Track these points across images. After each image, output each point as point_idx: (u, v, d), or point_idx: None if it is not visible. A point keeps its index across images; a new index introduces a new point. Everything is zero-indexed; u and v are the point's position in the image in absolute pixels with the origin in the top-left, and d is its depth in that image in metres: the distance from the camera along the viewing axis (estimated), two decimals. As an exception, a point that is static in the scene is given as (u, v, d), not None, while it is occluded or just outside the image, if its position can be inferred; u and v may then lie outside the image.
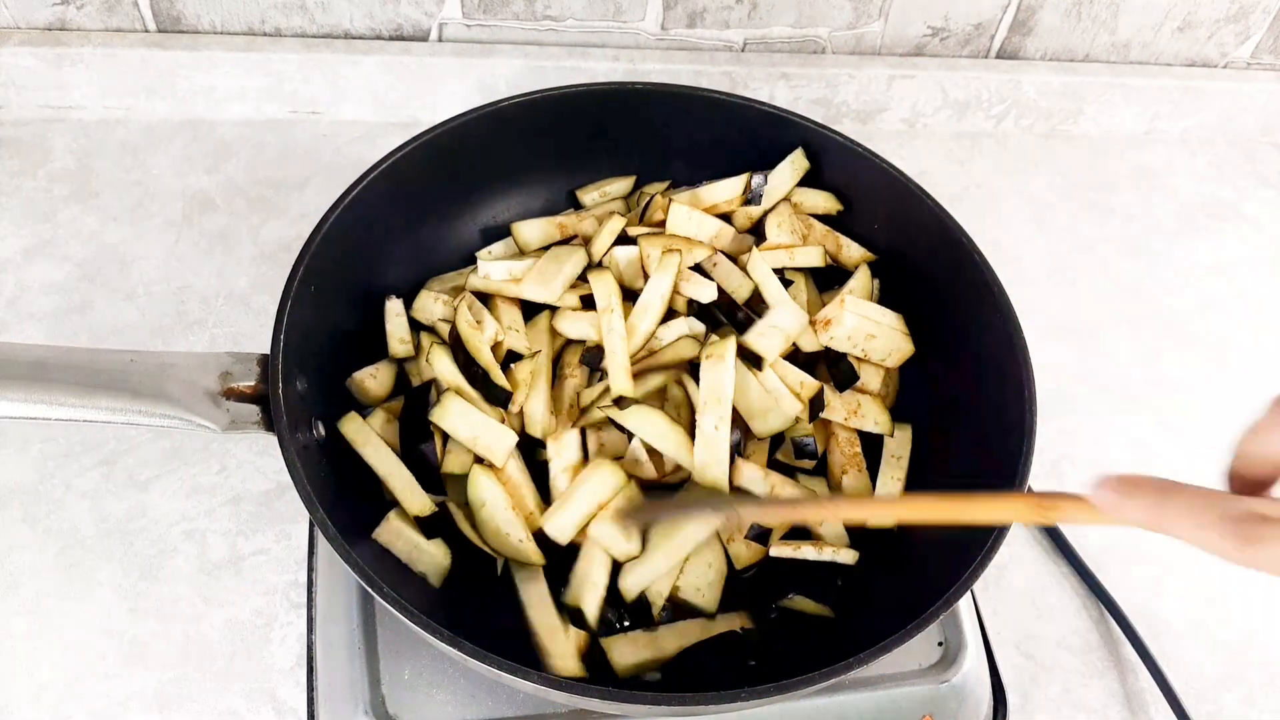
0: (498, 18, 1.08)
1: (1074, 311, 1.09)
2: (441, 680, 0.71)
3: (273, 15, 1.06)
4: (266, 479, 0.86)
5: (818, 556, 0.75)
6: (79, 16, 1.04)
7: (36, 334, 0.93)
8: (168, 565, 0.82)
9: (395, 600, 0.59)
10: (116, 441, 0.87)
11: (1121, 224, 1.19)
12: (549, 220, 0.88)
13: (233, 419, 0.64)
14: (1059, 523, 0.72)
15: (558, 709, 0.71)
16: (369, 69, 1.08)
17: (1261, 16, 1.19)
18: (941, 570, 0.67)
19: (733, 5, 1.09)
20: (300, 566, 0.82)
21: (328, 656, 0.73)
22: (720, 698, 0.59)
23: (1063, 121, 1.25)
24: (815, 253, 0.85)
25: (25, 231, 0.99)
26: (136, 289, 0.97)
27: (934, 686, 0.75)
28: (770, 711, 0.72)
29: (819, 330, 0.81)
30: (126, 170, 1.05)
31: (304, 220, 1.03)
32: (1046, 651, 0.86)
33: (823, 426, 0.81)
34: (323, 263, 0.73)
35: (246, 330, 0.95)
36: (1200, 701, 0.83)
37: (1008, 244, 1.14)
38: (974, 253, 0.78)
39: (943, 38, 1.16)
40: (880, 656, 0.60)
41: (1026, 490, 0.68)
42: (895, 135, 1.22)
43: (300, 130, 1.11)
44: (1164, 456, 0.99)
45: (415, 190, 0.82)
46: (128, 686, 0.76)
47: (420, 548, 0.71)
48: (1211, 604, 0.90)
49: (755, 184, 0.86)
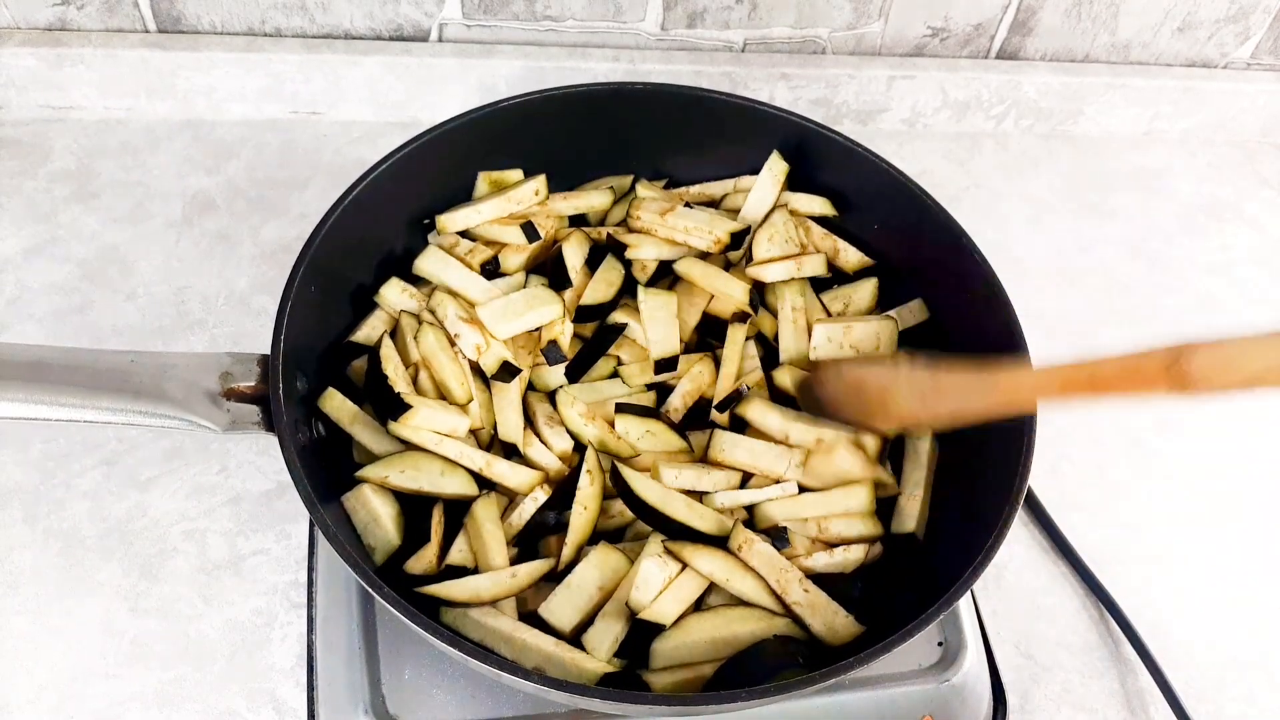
0: (498, 18, 1.08)
1: (1074, 311, 1.09)
2: (441, 680, 0.71)
3: (273, 15, 1.06)
4: (266, 479, 0.86)
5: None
6: (79, 17, 1.04)
7: (37, 334, 0.93)
8: (168, 565, 0.82)
9: (396, 600, 0.59)
10: (117, 441, 0.87)
11: (1121, 224, 1.19)
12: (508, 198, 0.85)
13: (233, 419, 0.64)
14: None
15: (558, 709, 0.71)
16: (369, 69, 1.08)
17: (1262, 17, 1.19)
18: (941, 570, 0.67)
19: (733, 5, 1.09)
20: (300, 566, 0.82)
21: (328, 656, 0.73)
22: (720, 698, 0.59)
23: (1063, 122, 1.25)
24: (819, 261, 0.85)
25: (25, 231, 1.00)
26: (137, 289, 0.97)
27: (934, 686, 0.75)
28: (770, 711, 0.72)
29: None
30: (127, 170, 1.05)
31: (304, 220, 1.03)
32: (1046, 651, 0.86)
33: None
34: (323, 263, 0.73)
35: (246, 330, 0.95)
36: (1200, 701, 0.83)
37: (1008, 244, 1.14)
38: (974, 253, 0.78)
39: (943, 38, 1.16)
40: (880, 656, 0.60)
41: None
42: (895, 135, 1.22)
43: (300, 130, 1.11)
44: (1163, 456, 0.99)
45: (415, 190, 0.82)
46: (128, 686, 0.76)
47: (378, 521, 0.71)
48: (1211, 604, 0.90)
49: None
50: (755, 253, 0.84)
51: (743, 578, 0.71)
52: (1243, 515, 0.96)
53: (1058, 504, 0.93)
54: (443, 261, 0.82)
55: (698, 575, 0.71)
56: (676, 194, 0.90)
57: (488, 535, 0.71)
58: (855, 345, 0.81)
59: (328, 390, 0.74)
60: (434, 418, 0.73)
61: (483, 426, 0.77)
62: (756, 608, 0.71)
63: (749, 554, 0.72)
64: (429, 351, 0.76)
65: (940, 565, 0.69)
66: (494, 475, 0.74)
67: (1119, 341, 0.96)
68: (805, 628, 0.70)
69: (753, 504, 0.76)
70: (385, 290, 0.81)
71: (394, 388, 0.73)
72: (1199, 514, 0.95)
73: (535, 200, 0.85)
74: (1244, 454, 1.00)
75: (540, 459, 0.77)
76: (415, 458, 0.73)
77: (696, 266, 0.84)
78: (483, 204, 0.83)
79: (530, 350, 0.81)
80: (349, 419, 0.74)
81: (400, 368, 0.76)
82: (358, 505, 0.71)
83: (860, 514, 0.75)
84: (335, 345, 0.79)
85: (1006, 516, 0.65)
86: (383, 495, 0.72)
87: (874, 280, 0.86)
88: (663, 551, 0.70)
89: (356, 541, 0.70)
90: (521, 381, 0.78)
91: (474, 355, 0.77)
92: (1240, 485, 0.98)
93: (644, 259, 0.85)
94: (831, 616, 0.70)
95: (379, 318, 0.81)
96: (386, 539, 0.71)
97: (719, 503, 0.75)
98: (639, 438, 0.78)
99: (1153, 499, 0.96)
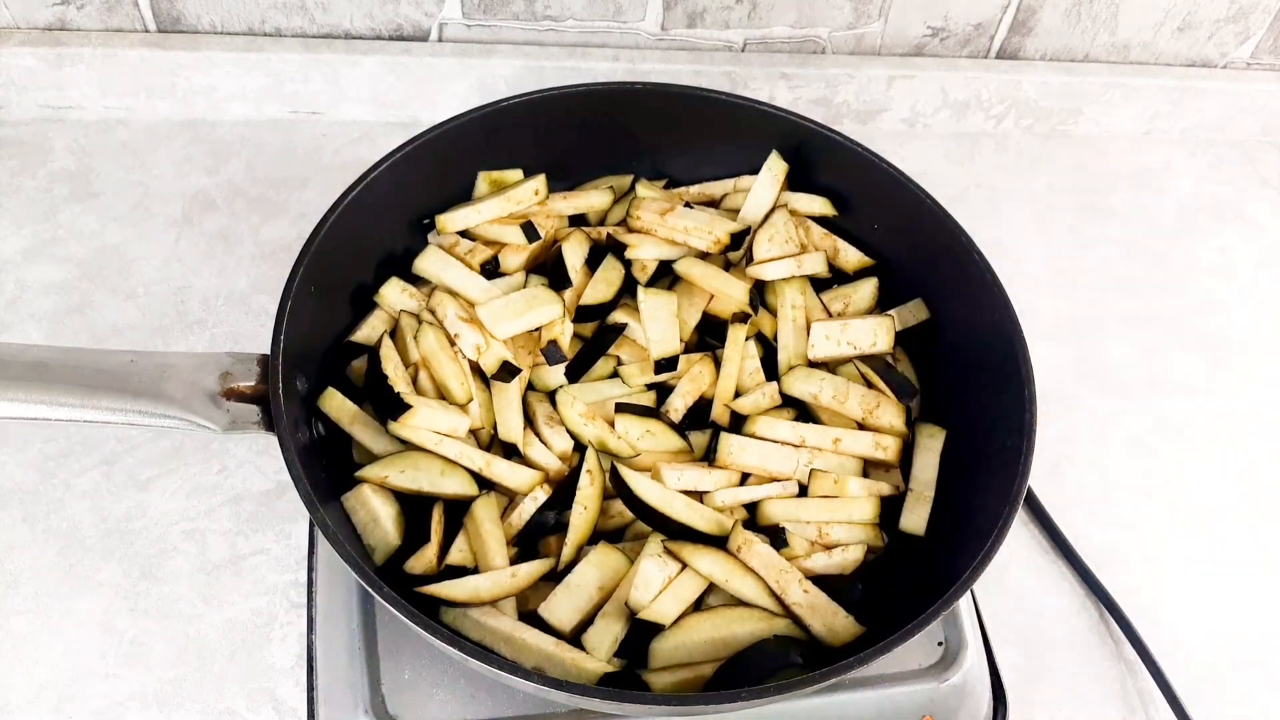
0: (498, 18, 1.08)
1: (1074, 311, 1.09)
2: (441, 680, 0.71)
3: (273, 15, 1.06)
4: (266, 479, 0.86)
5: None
6: (79, 16, 1.04)
7: (36, 334, 0.93)
8: (168, 565, 0.82)
9: (396, 600, 0.59)
10: (117, 441, 0.87)
11: (1121, 224, 1.19)
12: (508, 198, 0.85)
13: (233, 419, 0.64)
14: None
15: (557, 709, 0.71)
16: (369, 69, 1.08)
17: (1262, 16, 1.19)
18: (941, 570, 0.67)
19: (733, 5, 1.09)
20: (300, 566, 0.82)
21: (328, 656, 0.73)
22: (720, 698, 0.59)
23: (1063, 121, 1.25)
24: (819, 260, 0.85)
25: (25, 231, 1.00)
26: (137, 289, 0.97)
27: (934, 686, 0.75)
28: (770, 711, 0.72)
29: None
30: (127, 170, 1.05)
31: (304, 220, 1.03)
32: (1047, 652, 0.86)
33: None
34: (323, 263, 0.73)
35: (246, 330, 0.95)
36: (1200, 701, 0.83)
37: (1008, 244, 1.14)
38: (974, 253, 0.78)
39: (943, 38, 1.16)
40: (880, 656, 0.60)
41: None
42: (895, 135, 1.22)
43: (300, 130, 1.11)
44: (1163, 456, 0.99)
45: (415, 190, 0.82)
46: (127, 686, 0.76)
47: (378, 521, 0.71)
48: (1211, 603, 0.90)
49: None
50: (755, 253, 0.84)
51: (742, 578, 0.71)
52: (1243, 515, 0.96)
53: (1058, 504, 0.93)
54: (443, 261, 0.82)
55: (697, 575, 0.71)
56: (676, 194, 0.90)
57: (487, 535, 0.71)
58: (853, 344, 0.81)
59: (327, 390, 0.74)
60: (434, 418, 0.73)
61: (483, 426, 0.76)
62: (756, 608, 0.71)
63: (748, 555, 0.72)
64: (429, 351, 0.76)
65: (940, 565, 0.69)
66: (494, 475, 0.74)
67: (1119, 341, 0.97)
68: (805, 628, 0.70)
69: (754, 502, 0.76)
70: (385, 290, 0.81)
71: (394, 387, 0.73)
72: (1199, 514, 0.95)
73: (535, 200, 0.85)
74: (1245, 454, 1.00)
75: (540, 459, 0.77)
76: (415, 458, 0.73)
77: (696, 266, 0.84)
78: (483, 204, 0.83)
79: (530, 350, 0.81)
80: (349, 419, 0.74)
81: (400, 367, 0.76)
82: (357, 505, 0.71)
83: (863, 523, 0.75)
84: (335, 345, 0.79)
85: (1007, 516, 0.65)
86: (382, 495, 0.72)
87: (874, 280, 0.86)
88: (662, 551, 0.70)
89: (356, 541, 0.70)
90: (521, 381, 0.78)
91: (474, 355, 0.77)
92: (1241, 485, 0.98)
93: (644, 259, 0.85)
94: (831, 617, 0.70)
95: (379, 317, 0.81)
96: (386, 539, 0.71)
97: (719, 501, 0.75)
98: (639, 438, 0.78)
99: (1153, 499, 0.96)
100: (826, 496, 0.75)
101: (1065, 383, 1.03)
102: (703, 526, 0.73)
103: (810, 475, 0.76)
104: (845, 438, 0.78)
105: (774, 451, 0.77)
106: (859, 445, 0.78)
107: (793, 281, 0.84)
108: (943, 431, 0.79)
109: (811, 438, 0.77)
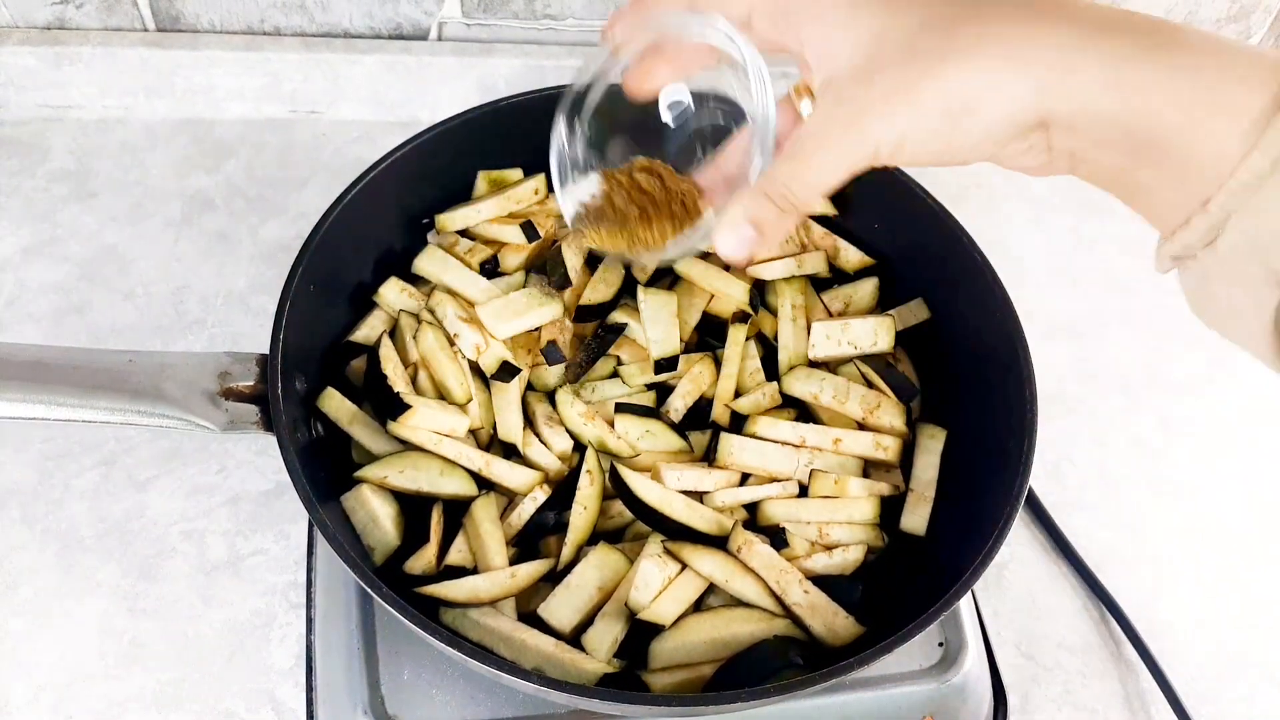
0: (497, 17, 1.08)
1: (1074, 311, 1.09)
2: (441, 680, 0.71)
3: (272, 15, 1.05)
4: (266, 479, 0.86)
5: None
6: (78, 16, 1.03)
7: (36, 334, 0.92)
8: (166, 565, 0.82)
9: (395, 600, 0.59)
10: (116, 441, 0.87)
11: (1121, 224, 1.19)
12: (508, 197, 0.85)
13: (232, 419, 0.64)
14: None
15: (557, 709, 0.70)
16: (369, 68, 1.08)
17: (1262, 16, 1.19)
18: (941, 570, 0.67)
19: (733, 5, 1.09)
20: (299, 567, 0.82)
21: (327, 657, 0.73)
22: (720, 698, 0.59)
23: (1063, 121, 1.25)
24: (819, 259, 0.85)
25: (25, 231, 0.99)
26: (136, 289, 0.97)
27: (934, 686, 0.75)
28: (770, 712, 0.72)
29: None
30: (126, 170, 1.05)
31: (303, 220, 1.03)
32: (1047, 652, 0.86)
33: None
34: (322, 262, 0.73)
35: (246, 330, 0.95)
36: (1201, 702, 0.83)
37: (1008, 244, 1.14)
38: (975, 252, 0.78)
39: (943, 37, 1.16)
40: (880, 657, 0.60)
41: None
42: (895, 135, 1.22)
43: (300, 130, 1.11)
44: (1164, 456, 0.99)
45: (415, 190, 0.82)
46: (127, 687, 0.76)
47: (377, 521, 0.71)
48: (1213, 604, 0.90)
49: None
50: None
51: (742, 579, 0.71)
52: (1245, 516, 0.96)
53: (1059, 504, 0.93)
54: (442, 261, 0.81)
55: (697, 576, 0.70)
56: (676, 193, 0.90)
57: (487, 535, 0.71)
58: (854, 343, 0.81)
59: (326, 390, 0.74)
60: (433, 418, 0.72)
61: (482, 426, 0.76)
62: (756, 609, 0.71)
63: (748, 555, 0.72)
64: (428, 351, 0.76)
65: (940, 565, 0.69)
66: (493, 475, 0.74)
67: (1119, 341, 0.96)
68: (805, 629, 0.70)
69: (754, 503, 0.76)
70: (384, 290, 0.81)
71: (393, 387, 0.73)
72: (1201, 515, 0.95)
73: (535, 199, 0.85)
74: (1246, 454, 1.00)
75: (540, 459, 0.76)
76: (414, 458, 0.73)
77: (696, 266, 0.84)
78: (482, 203, 0.83)
79: (530, 350, 0.80)
80: (348, 419, 0.74)
81: (399, 367, 0.75)
82: (357, 505, 0.71)
83: (864, 523, 0.75)
84: (334, 345, 0.79)
85: (1007, 517, 0.65)
86: (382, 495, 0.72)
87: (874, 280, 0.86)
88: (662, 552, 0.70)
89: (355, 542, 0.70)
90: (521, 381, 0.78)
91: (473, 355, 0.77)
92: (1242, 486, 0.98)
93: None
94: (831, 617, 0.70)
95: (378, 317, 0.81)
96: (385, 539, 0.71)
97: (719, 501, 0.75)
98: (639, 438, 0.77)
99: (1154, 500, 0.96)
100: (827, 497, 0.75)
101: (1066, 382, 1.02)
102: (703, 527, 0.73)
103: (810, 475, 0.76)
104: (846, 438, 0.77)
105: (774, 451, 0.77)
106: (859, 445, 0.78)
107: (793, 281, 0.84)
108: (943, 431, 0.79)
109: (812, 438, 0.77)
